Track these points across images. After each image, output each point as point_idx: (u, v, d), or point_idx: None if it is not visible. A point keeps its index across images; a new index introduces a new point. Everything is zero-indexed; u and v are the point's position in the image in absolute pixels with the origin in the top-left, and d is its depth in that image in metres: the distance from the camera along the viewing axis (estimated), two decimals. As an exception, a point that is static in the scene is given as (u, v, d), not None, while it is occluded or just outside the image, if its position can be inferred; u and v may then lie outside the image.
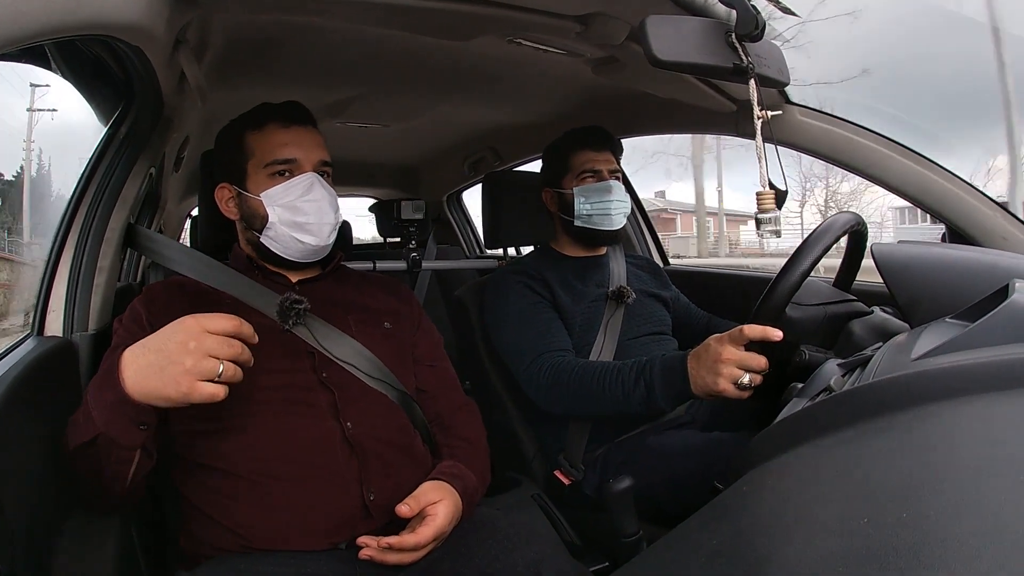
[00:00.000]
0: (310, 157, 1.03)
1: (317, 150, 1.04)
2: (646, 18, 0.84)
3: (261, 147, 1.02)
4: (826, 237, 0.98)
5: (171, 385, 0.73)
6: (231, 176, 1.05)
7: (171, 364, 0.73)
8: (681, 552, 0.51)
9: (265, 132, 1.03)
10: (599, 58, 1.28)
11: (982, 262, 0.84)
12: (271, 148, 1.02)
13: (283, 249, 1.03)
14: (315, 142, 1.05)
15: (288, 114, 1.04)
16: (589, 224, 1.45)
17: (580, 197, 1.44)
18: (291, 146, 1.02)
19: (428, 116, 1.89)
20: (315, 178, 1.02)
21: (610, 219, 1.44)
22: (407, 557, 0.85)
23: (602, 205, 1.43)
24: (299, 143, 1.03)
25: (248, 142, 1.03)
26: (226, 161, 1.06)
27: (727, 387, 0.98)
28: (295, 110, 1.05)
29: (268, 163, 1.01)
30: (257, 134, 1.03)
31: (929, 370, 0.55)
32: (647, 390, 1.12)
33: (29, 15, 0.53)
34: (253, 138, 1.03)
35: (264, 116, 1.04)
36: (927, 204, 1.25)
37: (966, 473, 0.40)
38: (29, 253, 3.22)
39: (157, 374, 0.74)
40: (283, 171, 1.01)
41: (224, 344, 0.75)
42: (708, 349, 1.02)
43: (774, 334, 0.95)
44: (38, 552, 0.76)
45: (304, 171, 1.02)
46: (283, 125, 1.03)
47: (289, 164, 1.02)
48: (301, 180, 1.01)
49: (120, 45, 0.80)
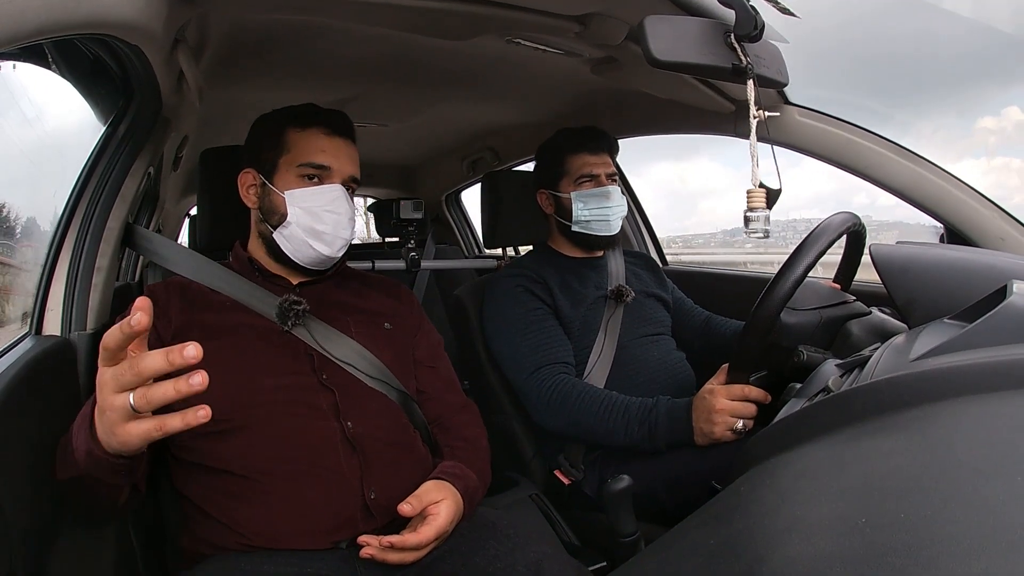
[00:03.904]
0: (343, 170, 1.03)
1: (350, 164, 1.05)
2: (645, 18, 0.84)
3: (299, 146, 1.02)
4: (823, 238, 0.98)
5: (110, 436, 0.65)
6: (259, 164, 1.04)
7: (101, 416, 0.65)
8: (679, 552, 0.51)
9: (307, 133, 1.03)
10: (598, 58, 1.28)
11: (980, 263, 0.84)
12: (309, 150, 1.02)
13: (293, 251, 1.03)
14: (351, 156, 1.05)
15: (334, 122, 1.04)
16: (587, 230, 1.45)
17: (579, 203, 1.44)
18: (328, 153, 1.02)
19: (427, 116, 1.89)
20: (342, 191, 1.02)
21: (608, 225, 1.44)
22: (408, 556, 0.85)
23: (601, 211, 1.43)
24: (336, 153, 1.03)
25: (288, 137, 1.03)
26: (259, 149, 1.05)
27: (724, 434, 1.12)
28: (341, 120, 1.06)
29: (302, 163, 1.01)
30: (299, 132, 1.03)
31: (927, 371, 0.55)
32: (650, 433, 1.19)
33: (28, 13, 0.53)
34: (294, 135, 1.03)
35: (310, 117, 1.04)
36: (925, 205, 1.25)
37: (964, 473, 0.40)
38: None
39: (101, 428, 0.66)
40: (314, 176, 1.02)
41: (117, 374, 0.61)
42: (703, 402, 1.14)
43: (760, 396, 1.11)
44: (37, 552, 0.75)
45: (334, 181, 1.02)
46: (327, 131, 1.03)
47: (322, 171, 1.02)
48: (329, 190, 1.01)
49: (119, 44, 0.80)
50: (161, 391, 0.60)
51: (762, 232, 0.87)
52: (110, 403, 0.62)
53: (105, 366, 0.61)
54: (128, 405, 0.61)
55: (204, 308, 0.99)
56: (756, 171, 0.89)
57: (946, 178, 1.24)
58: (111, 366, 0.61)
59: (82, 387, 0.96)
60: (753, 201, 0.87)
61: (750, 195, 0.88)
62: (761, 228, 0.87)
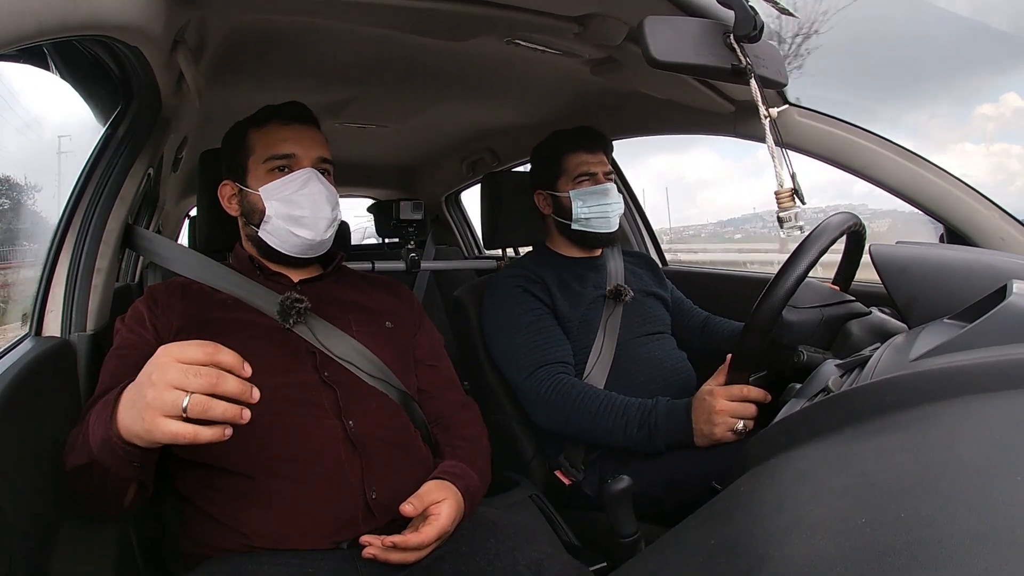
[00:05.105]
0: (308, 153, 1.05)
1: (316, 147, 1.06)
2: (644, 19, 0.84)
3: (261, 143, 1.05)
4: (823, 238, 0.98)
5: (137, 421, 0.65)
6: (234, 173, 1.07)
7: (139, 398, 0.65)
8: (679, 552, 0.51)
9: (266, 129, 1.05)
10: (597, 59, 1.28)
11: (980, 263, 0.84)
12: (270, 143, 1.04)
13: (279, 243, 1.04)
14: (314, 139, 1.07)
15: (288, 112, 1.07)
16: (587, 228, 1.45)
17: (577, 200, 1.45)
18: (290, 142, 1.04)
19: (426, 116, 1.89)
20: (312, 173, 1.04)
21: (608, 222, 1.45)
22: (410, 556, 0.86)
23: (600, 208, 1.44)
24: (298, 139, 1.05)
25: (250, 139, 1.06)
26: (229, 159, 1.09)
27: (725, 435, 1.11)
28: (296, 109, 1.08)
29: (267, 158, 1.04)
30: (258, 131, 1.06)
31: (927, 370, 0.55)
32: (649, 434, 1.19)
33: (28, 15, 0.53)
34: (254, 135, 1.06)
35: (267, 114, 1.07)
36: (925, 205, 1.25)
37: (965, 473, 0.40)
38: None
39: (129, 409, 0.67)
40: (282, 166, 1.04)
41: (190, 373, 0.63)
42: (703, 403, 1.13)
43: (759, 396, 1.10)
44: (36, 553, 0.75)
45: (302, 166, 1.04)
46: (283, 122, 1.06)
47: (287, 159, 1.04)
48: (298, 175, 1.03)
49: (118, 45, 0.80)
50: (220, 409, 0.64)
51: (798, 229, 0.87)
52: (162, 395, 0.63)
53: (177, 361, 0.64)
54: (180, 404, 0.63)
55: (205, 307, 0.99)
56: (780, 172, 0.87)
57: (945, 178, 1.24)
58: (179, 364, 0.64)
59: (82, 388, 0.96)
60: (783, 203, 0.87)
61: (779, 196, 0.87)
62: (796, 225, 0.87)
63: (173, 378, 0.63)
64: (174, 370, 0.64)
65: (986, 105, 18.78)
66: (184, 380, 0.63)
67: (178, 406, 0.63)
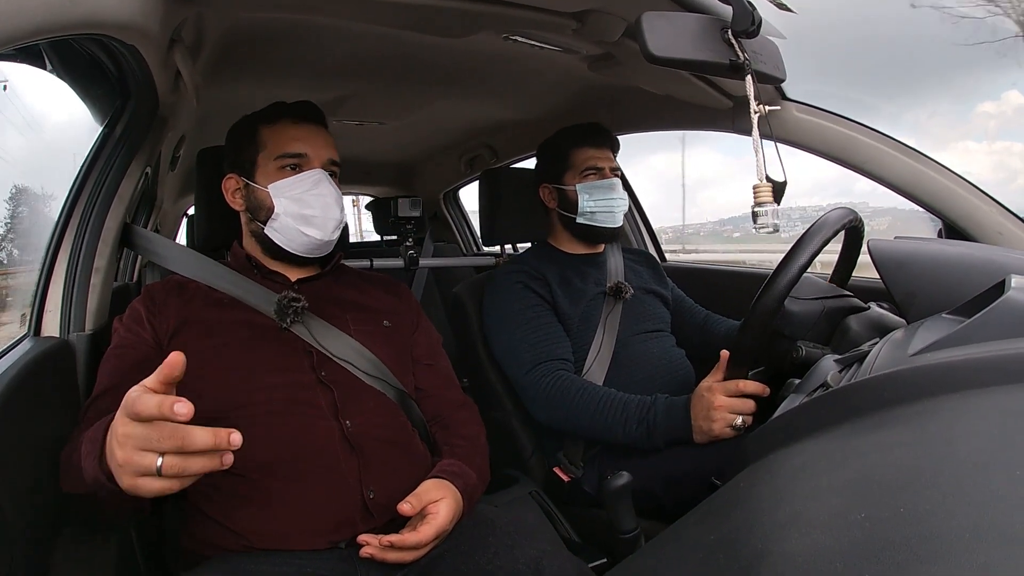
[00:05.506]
0: (320, 154, 1.05)
1: (327, 148, 1.07)
2: (642, 14, 0.84)
3: (273, 140, 1.05)
4: (821, 233, 0.98)
5: (118, 478, 0.61)
6: (240, 167, 1.07)
7: (111, 455, 0.61)
8: (679, 548, 0.51)
9: (278, 126, 1.05)
10: (595, 55, 1.28)
11: (978, 258, 0.84)
12: (283, 141, 1.04)
13: (287, 241, 1.04)
14: (325, 141, 1.08)
15: (301, 112, 1.07)
16: (593, 221, 1.46)
17: (584, 194, 1.45)
18: (302, 141, 1.04)
19: (424, 113, 1.89)
20: (323, 174, 1.04)
21: (613, 216, 1.45)
22: (408, 555, 0.86)
23: (606, 203, 1.44)
24: (310, 140, 1.05)
25: (261, 135, 1.06)
26: (236, 152, 1.08)
27: (724, 431, 1.11)
28: (308, 108, 1.09)
29: (279, 156, 1.04)
30: (270, 128, 1.06)
31: (926, 365, 0.55)
32: (648, 431, 1.19)
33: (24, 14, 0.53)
34: (266, 131, 1.06)
35: (278, 112, 1.07)
36: (923, 200, 1.25)
37: (963, 468, 0.40)
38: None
39: (111, 459, 0.62)
40: (293, 165, 1.04)
41: (153, 437, 0.57)
42: (702, 399, 1.13)
43: (757, 390, 1.09)
44: (36, 553, 0.75)
45: (313, 167, 1.04)
46: (295, 121, 1.06)
47: (299, 159, 1.04)
48: (310, 175, 1.03)
49: (115, 44, 0.80)
50: (198, 467, 0.59)
51: (771, 227, 0.87)
52: (132, 460, 0.58)
53: (133, 421, 0.58)
54: (154, 466, 0.58)
55: (202, 305, 0.99)
56: (761, 166, 0.88)
57: (944, 173, 1.24)
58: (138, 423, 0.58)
59: (81, 388, 0.96)
60: (760, 196, 0.87)
61: (757, 190, 0.87)
62: (770, 223, 0.87)
63: (139, 442, 0.58)
64: (137, 430, 0.58)
65: (987, 103, 18.57)
66: (150, 444, 0.58)
67: (152, 468, 0.58)
